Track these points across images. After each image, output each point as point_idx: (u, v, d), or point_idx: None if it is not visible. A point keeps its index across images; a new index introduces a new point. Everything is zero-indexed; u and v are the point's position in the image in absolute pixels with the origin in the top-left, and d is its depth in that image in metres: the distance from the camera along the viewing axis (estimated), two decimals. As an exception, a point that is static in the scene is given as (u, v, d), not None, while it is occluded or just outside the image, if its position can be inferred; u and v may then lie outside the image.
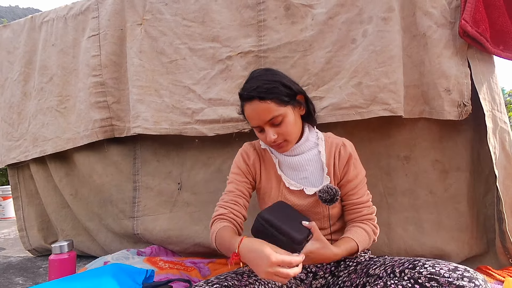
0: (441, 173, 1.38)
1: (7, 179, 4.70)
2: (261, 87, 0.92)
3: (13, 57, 1.96)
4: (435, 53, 1.27)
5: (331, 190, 0.91)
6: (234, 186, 1.05)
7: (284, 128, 0.94)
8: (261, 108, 0.92)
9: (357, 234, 0.96)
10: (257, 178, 1.07)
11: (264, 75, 0.96)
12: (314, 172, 1.02)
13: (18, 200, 2.05)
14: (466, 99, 1.25)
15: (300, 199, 1.01)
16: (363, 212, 1.01)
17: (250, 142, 1.13)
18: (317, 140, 1.04)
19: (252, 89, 0.93)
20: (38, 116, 1.85)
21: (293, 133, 0.97)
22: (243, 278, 0.87)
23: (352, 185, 1.02)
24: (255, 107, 0.93)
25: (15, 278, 1.63)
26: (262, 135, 0.98)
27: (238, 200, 1.02)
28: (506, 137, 1.29)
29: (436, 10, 1.27)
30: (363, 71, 1.29)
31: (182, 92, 1.55)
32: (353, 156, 1.03)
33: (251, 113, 0.95)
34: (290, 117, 0.95)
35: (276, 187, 1.04)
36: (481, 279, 0.71)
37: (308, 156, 1.02)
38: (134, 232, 1.72)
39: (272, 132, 0.94)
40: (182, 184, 1.69)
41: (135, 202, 1.74)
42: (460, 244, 1.35)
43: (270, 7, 1.44)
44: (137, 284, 1.14)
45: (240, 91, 0.97)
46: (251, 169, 1.07)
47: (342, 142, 1.05)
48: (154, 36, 1.58)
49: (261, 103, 0.91)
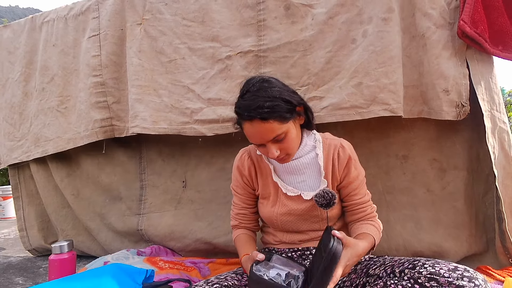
0: (438, 171, 1.39)
1: (7, 179, 4.70)
2: (262, 107, 0.85)
3: (14, 57, 1.96)
4: (433, 54, 1.27)
5: (327, 195, 0.91)
6: (237, 198, 1.11)
7: (286, 144, 0.92)
8: (263, 128, 0.87)
9: (372, 230, 0.96)
10: (254, 186, 1.08)
11: (263, 90, 0.88)
12: (311, 175, 1.02)
13: (18, 200, 2.05)
14: (464, 99, 1.25)
15: (298, 203, 1.01)
16: (368, 211, 1.02)
17: (245, 148, 1.12)
18: (315, 142, 1.02)
19: (252, 109, 0.85)
20: (40, 116, 1.86)
21: (295, 146, 0.96)
22: (243, 278, 0.87)
23: (354, 186, 1.02)
24: (257, 127, 0.87)
25: (15, 278, 1.63)
26: (263, 150, 0.94)
27: (244, 212, 1.10)
28: (505, 137, 1.29)
29: (435, 11, 1.27)
30: (363, 71, 1.30)
31: (181, 92, 1.55)
32: (352, 158, 1.02)
33: (252, 133, 0.90)
34: (292, 132, 0.91)
35: (274, 193, 1.04)
36: (481, 279, 0.71)
37: (306, 160, 1.00)
38: (138, 228, 1.75)
39: (274, 148, 0.91)
40: (186, 182, 1.74)
41: (142, 200, 1.80)
42: (458, 242, 1.36)
43: (270, 6, 1.44)
44: (137, 284, 1.14)
45: (238, 109, 0.90)
46: (248, 179, 1.08)
47: (340, 143, 1.03)
48: (153, 35, 1.59)
49: (263, 123, 0.86)
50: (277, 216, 1.02)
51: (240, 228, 1.10)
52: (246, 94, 0.90)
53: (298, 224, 1.03)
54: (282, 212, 1.01)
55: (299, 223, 1.03)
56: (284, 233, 1.06)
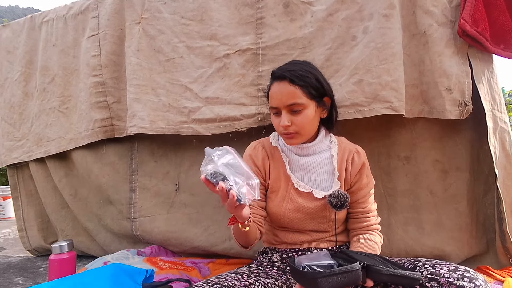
0: (441, 173, 1.37)
1: (6, 179, 4.70)
2: (296, 72, 0.94)
3: (13, 57, 1.95)
4: (436, 52, 1.26)
5: (342, 196, 0.91)
6: None
7: (300, 119, 0.94)
8: (287, 90, 0.93)
9: (371, 249, 0.96)
10: (266, 177, 1.07)
11: (303, 64, 0.98)
12: (324, 175, 1.02)
13: (17, 200, 2.05)
14: (467, 98, 1.24)
15: (308, 201, 1.00)
16: (371, 222, 1.01)
17: (258, 140, 1.12)
18: (330, 143, 1.04)
19: (287, 70, 0.95)
20: (42, 117, 1.86)
21: (307, 128, 0.96)
22: (243, 278, 0.87)
23: (363, 193, 1.02)
24: (282, 87, 0.94)
25: (15, 278, 1.63)
26: (276, 119, 0.97)
27: (252, 204, 1.03)
28: (506, 137, 1.28)
29: (437, 8, 1.26)
30: (364, 68, 1.28)
31: (179, 91, 1.54)
32: (366, 165, 1.03)
33: (275, 92, 0.95)
34: (309, 111, 0.95)
35: (284, 187, 1.03)
36: (481, 279, 0.71)
37: (320, 159, 1.01)
38: (134, 233, 1.71)
39: (287, 118, 0.94)
40: (179, 185, 1.68)
41: (131, 203, 1.73)
42: (460, 244, 1.35)
43: (269, 4, 1.43)
44: (137, 284, 1.14)
45: (276, 69, 0.99)
46: (260, 169, 1.06)
47: (356, 149, 1.05)
48: (152, 34, 1.58)
49: (290, 85, 0.93)
50: (285, 212, 1.01)
51: None
52: (287, 64, 1.00)
53: (305, 223, 1.02)
54: (291, 208, 1.00)
55: (305, 222, 1.02)
56: (286, 233, 1.05)
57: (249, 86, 1.45)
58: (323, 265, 0.75)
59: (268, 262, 1.05)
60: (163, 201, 1.70)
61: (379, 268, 0.72)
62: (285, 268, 1.02)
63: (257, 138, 1.14)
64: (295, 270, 0.76)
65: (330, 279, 0.70)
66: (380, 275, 0.72)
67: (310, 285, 0.73)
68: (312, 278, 0.71)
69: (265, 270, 0.99)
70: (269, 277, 0.93)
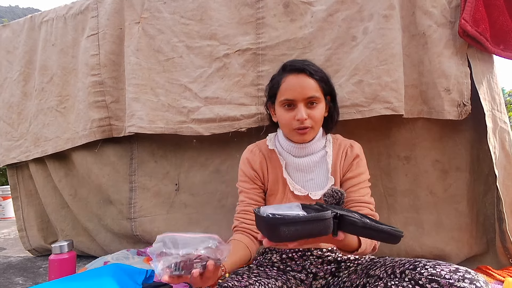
0: (441, 173, 1.37)
1: (6, 179, 4.69)
2: (311, 66, 0.96)
3: (13, 57, 1.95)
4: (435, 52, 1.26)
5: (336, 194, 0.91)
6: (244, 195, 1.07)
7: (315, 113, 0.95)
8: (307, 83, 0.94)
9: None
10: (264, 180, 1.07)
11: (311, 63, 1.01)
12: (320, 173, 1.03)
13: (17, 200, 2.05)
14: (466, 98, 1.24)
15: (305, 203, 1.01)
16: (364, 212, 0.99)
17: (255, 143, 1.12)
18: (326, 142, 1.05)
19: (305, 64, 0.96)
20: (39, 116, 1.85)
21: (319, 123, 0.98)
22: (243, 278, 0.87)
23: (354, 182, 1.02)
24: (302, 80, 0.94)
25: (15, 278, 1.63)
26: (288, 113, 0.96)
27: (249, 209, 1.04)
28: (506, 137, 1.28)
29: (436, 9, 1.26)
30: (364, 69, 1.28)
31: (178, 91, 1.54)
32: (359, 157, 1.04)
33: (293, 85, 0.95)
34: (322, 107, 0.98)
35: (282, 190, 1.04)
36: (482, 280, 0.71)
37: (316, 158, 1.02)
38: (134, 233, 1.71)
39: (305, 111, 0.94)
40: (179, 185, 1.68)
41: (131, 203, 1.72)
42: (460, 244, 1.35)
43: (269, 4, 1.43)
44: (137, 284, 1.14)
45: (287, 63, 1.00)
46: (258, 173, 1.06)
47: (350, 143, 1.06)
48: (151, 34, 1.58)
49: (309, 78, 0.94)
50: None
51: (238, 231, 1.01)
52: (295, 60, 1.02)
53: None
54: None
55: None
56: None
57: (249, 86, 1.45)
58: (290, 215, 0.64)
59: (267, 262, 1.05)
60: (163, 201, 1.70)
61: (354, 219, 0.65)
62: (285, 268, 1.02)
63: (257, 138, 1.14)
64: (258, 217, 0.68)
65: (293, 227, 0.62)
66: (354, 227, 0.66)
67: (272, 233, 0.65)
68: (273, 224, 0.63)
69: (265, 270, 1.00)
70: (269, 277, 0.93)
